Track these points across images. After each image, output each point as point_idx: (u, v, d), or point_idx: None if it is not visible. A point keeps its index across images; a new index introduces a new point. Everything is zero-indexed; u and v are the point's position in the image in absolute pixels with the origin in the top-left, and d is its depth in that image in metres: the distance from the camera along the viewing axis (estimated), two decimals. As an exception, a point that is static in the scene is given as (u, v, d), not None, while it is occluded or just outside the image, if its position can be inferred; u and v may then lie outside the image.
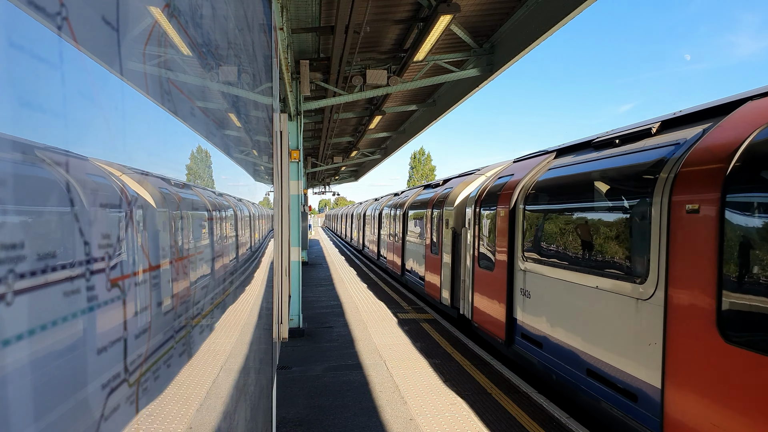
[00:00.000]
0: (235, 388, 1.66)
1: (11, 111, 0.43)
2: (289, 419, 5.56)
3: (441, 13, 7.47)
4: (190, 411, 1.07)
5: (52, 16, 0.49)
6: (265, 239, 3.56)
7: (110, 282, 0.64)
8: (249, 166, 2.58)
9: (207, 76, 1.34)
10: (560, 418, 5.58)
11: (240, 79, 2.01)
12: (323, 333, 9.53)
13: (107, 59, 0.65)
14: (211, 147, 1.42)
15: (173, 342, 0.95)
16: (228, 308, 1.64)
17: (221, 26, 1.54)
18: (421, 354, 8.08)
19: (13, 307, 0.43)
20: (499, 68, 10.10)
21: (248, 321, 2.13)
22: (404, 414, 5.72)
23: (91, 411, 0.58)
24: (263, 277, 2.99)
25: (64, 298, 0.52)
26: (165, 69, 0.94)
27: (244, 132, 2.27)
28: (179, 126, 1.04)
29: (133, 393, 0.72)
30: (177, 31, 1.01)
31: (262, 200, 3.35)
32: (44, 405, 0.48)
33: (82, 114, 0.58)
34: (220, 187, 1.62)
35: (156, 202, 0.88)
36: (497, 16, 9.34)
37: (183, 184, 1.11)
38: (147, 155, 0.84)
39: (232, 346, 1.67)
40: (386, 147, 25.27)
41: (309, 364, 7.59)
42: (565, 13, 7.50)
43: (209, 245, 1.40)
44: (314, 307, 12.09)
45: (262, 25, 2.97)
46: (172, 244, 0.98)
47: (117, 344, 0.67)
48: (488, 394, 6.34)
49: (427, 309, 11.93)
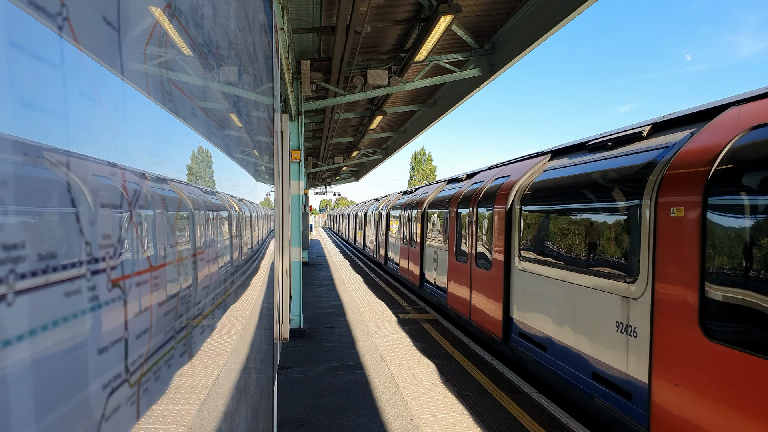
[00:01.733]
0: (236, 388, 1.66)
1: (12, 111, 0.43)
2: (290, 419, 5.57)
3: (442, 14, 7.47)
4: (191, 411, 1.07)
5: (53, 17, 0.49)
6: (266, 239, 3.56)
7: (111, 282, 0.64)
8: (250, 166, 2.58)
9: (208, 76, 1.35)
10: (561, 419, 5.57)
11: (241, 79, 2.01)
12: (324, 333, 9.53)
13: (108, 59, 0.65)
14: (212, 147, 1.42)
15: (174, 342, 0.95)
16: (229, 308, 1.65)
17: (222, 26, 1.54)
18: (422, 354, 8.08)
19: (14, 307, 0.43)
20: (500, 68, 10.10)
21: (249, 321, 2.13)
22: (405, 414, 5.72)
23: (92, 411, 0.58)
24: (264, 277, 2.99)
25: (65, 299, 0.52)
26: (166, 69, 0.94)
27: (245, 132, 2.27)
28: (180, 126, 1.04)
29: (134, 393, 0.72)
30: (178, 31, 1.01)
31: (263, 200, 3.36)
32: (45, 405, 0.48)
33: (83, 114, 0.58)
34: (221, 187, 1.62)
35: (157, 202, 0.88)
36: (498, 17, 9.34)
37: (184, 185, 1.11)
38: (148, 155, 0.84)
39: (233, 347, 1.68)
40: (387, 147, 25.28)
41: (310, 365, 7.59)
42: (565, 14, 7.50)
43: (210, 245, 1.40)
44: (315, 307, 12.10)
45: (263, 25, 2.97)
46: (173, 244, 0.98)
47: (118, 344, 0.67)
48: (489, 394, 6.33)
49: (428, 309, 11.93)
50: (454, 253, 10.29)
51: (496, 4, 8.83)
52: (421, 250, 13.31)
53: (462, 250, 9.80)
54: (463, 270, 9.69)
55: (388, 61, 11.08)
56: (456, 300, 10.15)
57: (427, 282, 12.74)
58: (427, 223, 12.94)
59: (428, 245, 12.73)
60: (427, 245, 12.87)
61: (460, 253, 9.96)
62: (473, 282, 9.08)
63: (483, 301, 8.57)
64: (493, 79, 10.68)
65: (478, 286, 8.82)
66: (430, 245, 12.52)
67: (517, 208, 7.34)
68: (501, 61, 10.07)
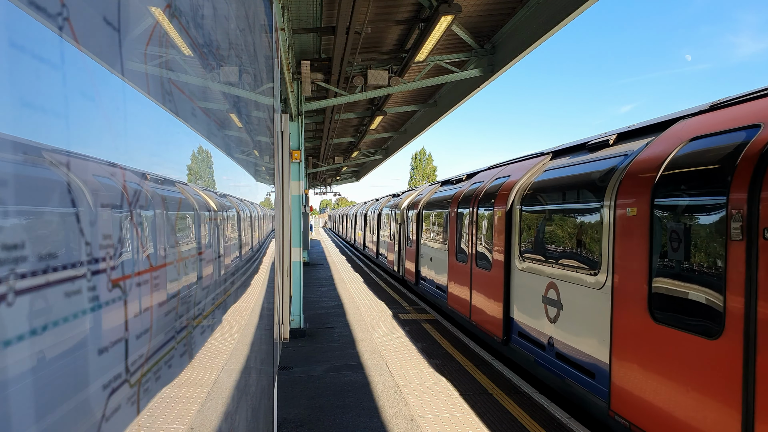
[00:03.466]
0: (237, 388, 1.66)
1: (13, 111, 0.43)
2: (291, 419, 5.56)
3: (442, 14, 7.47)
4: (191, 411, 1.07)
5: (53, 17, 0.49)
6: (267, 240, 3.56)
7: (111, 282, 0.64)
8: (250, 166, 2.58)
9: (208, 76, 1.35)
10: (561, 419, 5.57)
11: (241, 79, 2.01)
12: (324, 333, 9.53)
13: (108, 60, 0.65)
14: (212, 147, 1.42)
15: (174, 342, 0.95)
16: (229, 309, 1.65)
17: (222, 27, 1.54)
18: (422, 354, 8.08)
19: (15, 307, 0.43)
20: (501, 68, 10.10)
21: (249, 321, 2.13)
22: (405, 414, 5.72)
23: (92, 411, 0.58)
24: (264, 277, 2.99)
25: (65, 299, 0.52)
26: (166, 69, 0.94)
27: (245, 132, 2.27)
28: (180, 126, 1.04)
29: (134, 393, 0.72)
30: (178, 31, 1.01)
31: (263, 201, 3.36)
32: (45, 405, 0.48)
33: (84, 114, 0.58)
34: (222, 187, 1.62)
35: (157, 202, 0.88)
36: (498, 17, 9.34)
37: (184, 185, 1.11)
38: (148, 155, 0.84)
39: (233, 347, 1.67)
40: (387, 147, 25.28)
41: (310, 365, 7.59)
42: (566, 14, 7.50)
43: (211, 246, 1.40)
44: (315, 307, 12.10)
45: (263, 25, 2.97)
46: (174, 244, 0.98)
47: (118, 345, 0.67)
48: (489, 394, 6.33)
49: (428, 309, 11.93)
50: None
51: (497, 4, 8.83)
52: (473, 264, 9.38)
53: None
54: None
55: (389, 62, 11.08)
56: None
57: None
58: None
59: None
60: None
61: None
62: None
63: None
64: (494, 79, 10.68)
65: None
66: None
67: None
68: (501, 62, 10.07)
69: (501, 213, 7.85)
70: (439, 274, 11.52)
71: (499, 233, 7.88)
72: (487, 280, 8.46)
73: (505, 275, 7.65)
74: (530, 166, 7.76)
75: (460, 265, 9.84)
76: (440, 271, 11.35)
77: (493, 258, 8.14)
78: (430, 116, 15.86)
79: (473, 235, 9.15)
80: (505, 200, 7.76)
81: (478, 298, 8.87)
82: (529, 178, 7.53)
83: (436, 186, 13.67)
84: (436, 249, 11.81)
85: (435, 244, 11.94)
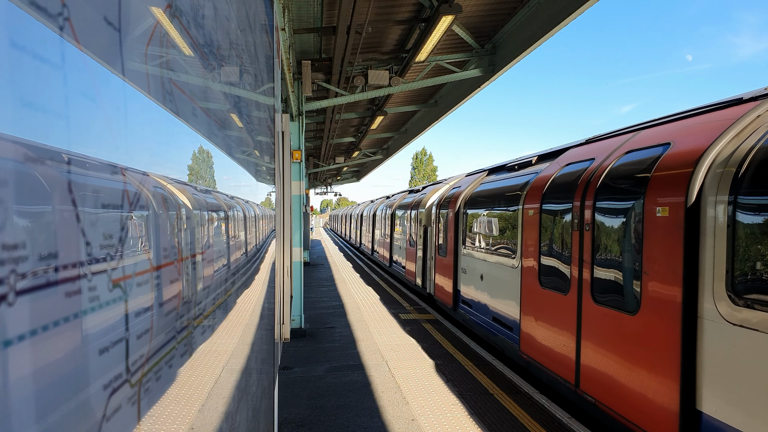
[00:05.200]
0: (237, 388, 1.66)
1: (13, 111, 0.43)
2: (291, 420, 5.57)
3: (443, 14, 7.47)
4: (192, 411, 1.07)
5: (54, 17, 0.49)
6: (267, 240, 3.56)
7: (112, 282, 0.64)
8: (251, 166, 2.58)
9: (209, 76, 1.35)
10: (562, 419, 5.57)
11: (242, 79, 2.01)
12: (325, 333, 9.54)
13: (109, 60, 0.65)
14: (212, 147, 1.42)
15: (175, 342, 0.95)
16: (230, 309, 1.65)
17: (223, 27, 1.54)
18: (423, 354, 8.08)
19: (15, 307, 0.43)
20: (501, 69, 10.10)
21: (250, 321, 2.13)
22: (406, 414, 5.72)
23: (93, 411, 0.58)
24: (265, 277, 2.99)
25: (65, 299, 0.52)
26: (167, 69, 0.94)
27: (246, 132, 2.27)
28: (181, 126, 1.04)
29: (134, 393, 0.72)
30: (179, 31, 1.01)
31: (264, 201, 3.36)
32: (46, 405, 0.48)
33: (84, 114, 0.58)
34: (222, 187, 1.62)
35: (158, 202, 0.88)
36: (499, 17, 9.34)
37: (185, 185, 1.11)
38: (149, 155, 0.84)
39: (233, 347, 1.68)
40: (388, 147, 25.28)
41: (311, 365, 7.59)
42: (567, 14, 7.50)
43: (211, 246, 1.40)
44: (316, 307, 12.10)
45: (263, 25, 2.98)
46: (174, 244, 0.98)
47: (119, 345, 0.67)
48: (490, 394, 6.33)
49: (429, 309, 11.93)
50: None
51: (497, 4, 8.83)
52: None
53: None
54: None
55: (389, 62, 11.08)
56: None
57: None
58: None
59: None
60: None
61: None
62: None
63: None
64: (494, 79, 10.68)
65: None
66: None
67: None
68: (502, 62, 10.07)
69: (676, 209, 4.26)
70: (500, 302, 8.20)
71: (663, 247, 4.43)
72: (631, 330, 4.73)
73: (685, 326, 4.10)
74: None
75: (549, 294, 6.39)
76: (503, 297, 8.01)
77: (651, 291, 4.46)
78: (431, 116, 15.85)
79: (585, 248, 5.59)
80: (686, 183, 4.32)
81: (597, 356, 5.25)
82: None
83: (481, 175, 10.30)
84: (492, 264, 8.62)
85: (492, 257, 8.64)
